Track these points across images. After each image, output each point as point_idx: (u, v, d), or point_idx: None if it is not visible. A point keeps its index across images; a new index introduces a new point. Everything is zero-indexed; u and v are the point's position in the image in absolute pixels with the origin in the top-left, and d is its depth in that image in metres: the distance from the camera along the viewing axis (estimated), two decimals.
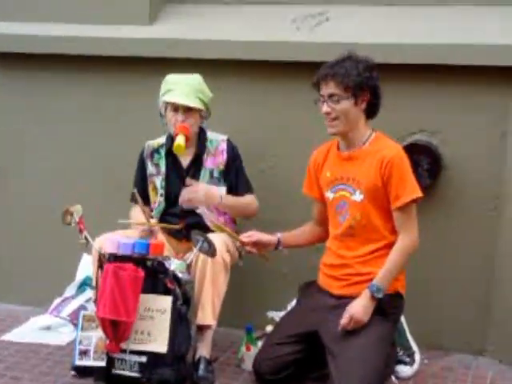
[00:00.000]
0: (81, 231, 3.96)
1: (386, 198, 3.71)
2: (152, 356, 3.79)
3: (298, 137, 4.56)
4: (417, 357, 4.12)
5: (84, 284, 4.86)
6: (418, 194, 3.70)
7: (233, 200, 4.27)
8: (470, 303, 4.40)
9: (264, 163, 4.65)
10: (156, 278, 3.83)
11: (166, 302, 3.81)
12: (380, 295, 3.66)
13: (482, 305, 4.37)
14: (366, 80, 3.70)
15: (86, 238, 3.96)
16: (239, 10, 4.83)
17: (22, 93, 5.08)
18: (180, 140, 4.14)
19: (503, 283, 4.29)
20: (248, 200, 4.33)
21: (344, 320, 3.68)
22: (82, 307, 4.72)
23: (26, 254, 5.14)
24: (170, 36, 4.72)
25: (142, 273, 3.76)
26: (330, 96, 3.71)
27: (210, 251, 3.87)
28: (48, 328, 4.70)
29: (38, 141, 5.07)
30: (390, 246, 3.73)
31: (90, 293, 4.79)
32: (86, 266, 4.82)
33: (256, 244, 4.00)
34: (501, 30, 4.30)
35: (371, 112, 3.78)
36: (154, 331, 3.81)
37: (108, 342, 3.79)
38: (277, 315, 4.49)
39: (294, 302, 4.49)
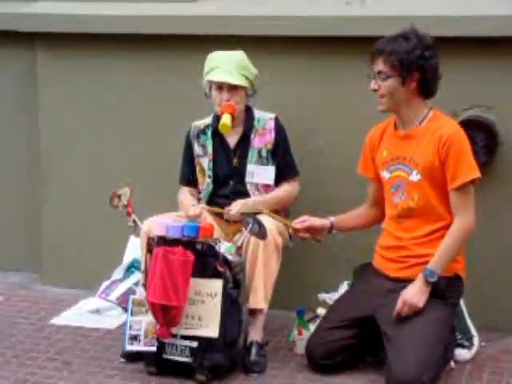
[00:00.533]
0: (129, 214, 3.90)
1: (444, 177, 3.58)
2: (203, 341, 3.72)
3: (348, 114, 4.44)
4: (475, 340, 4.00)
5: (131, 267, 4.80)
6: (476, 174, 3.57)
7: (269, 200, 4.16)
8: None
9: (312, 142, 4.53)
10: (206, 262, 3.75)
11: (216, 285, 3.73)
12: (434, 279, 3.54)
13: None
14: (416, 59, 3.56)
15: (134, 222, 3.90)
16: None
17: (66, 73, 5.00)
18: (226, 119, 4.04)
19: None
20: (286, 191, 4.23)
21: (398, 305, 3.58)
22: (130, 290, 4.67)
23: (73, 237, 5.09)
24: (214, 13, 4.61)
25: (191, 256, 3.68)
26: (378, 73, 3.61)
27: (261, 233, 3.78)
28: (97, 311, 4.66)
29: (87, 124, 5.00)
30: (448, 226, 3.60)
31: (137, 275, 4.72)
32: (134, 249, 4.76)
33: (309, 229, 3.90)
34: None
35: (425, 92, 3.64)
36: (204, 316, 3.73)
37: (158, 326, 3.72)
38: (328, 297, 4.40)
39: (345, 284, 4.42)
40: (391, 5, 4.35)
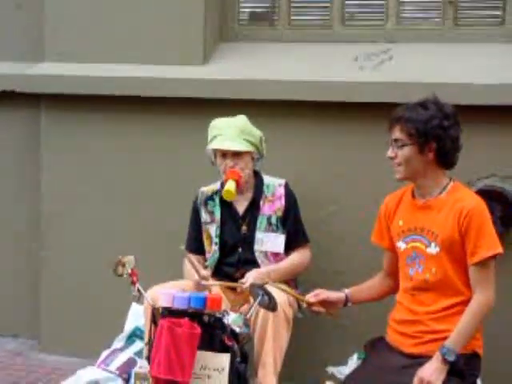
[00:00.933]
0: (133, 283, 3.74)
1: (463, 251, 3.44)
2: None
3: (360, 182, 4.37)
4: None
5: (133, 335, 4.62)
6: (498, 250, 3.43)
7: (283, 269, 4.07)
8: None
9: (323, 210, 4.43)
10: (213, 334, 3.57)
11: (224, 360, 3.55)
12: (452, 358, 3.37)
13: None
14: (433, 128, 3.45)
15: (138, 291, 3.74)
16: (296, 48, 4.67)
17: (70, 135, 4.92)
18: (230, 186, 3.96)
19: None
20: (298, 259, 4.13)
21: None
22: (131, 360, 4.49)
23: (73, 303, 4.97)
24: (224, 76, 4.56)
25: (198, 329, 3.51)
26: (395, 141, 3.50)
27: (271, 305, 3.62)
28: (96, 383, 4.46)
29: (88, 188, 4.92)
30: (466, 301, 3.45)
31: (139, 345, 4.56)
32: (136, 317, 4.61)
33: (323, 303, 3.75)
34: None
35: (443, 162, 3.53)
36: None
37: None
38: (337, 370, 4.23)
39: (355, 357, 4.25)
40: (405, 70, 4.29)
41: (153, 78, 4.63)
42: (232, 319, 3.70)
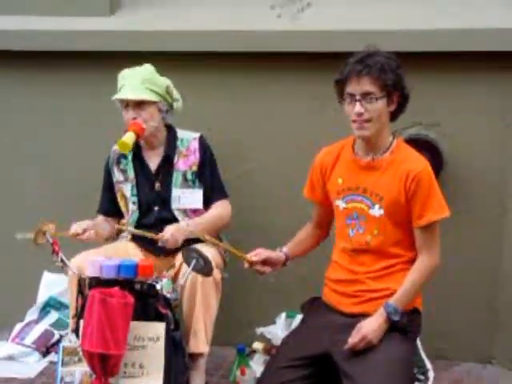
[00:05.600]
0: (56, 252, 3.49)
1: (407, 214, 3.35)
2: None
3: (280, 134, 4.23)
4: (431, 374, 3.80)
5: (47, 306, 4.43)
6: (446, 213, 3.36)
7: (203, 222, 3.86)
8: (476, 308, 4.15)
9: (243, 165, 4.30)
10: (146, 303, 3.38)
11: (158, 328, 3.36)
12: (396, 318, 3.31)
13: (488, 309, 4.11)
14: (400, 78, 3.32)
15: (62, 261, 3.49)
16: None
17: None
18: (127, 137, 3.71)
19: (510, 285, 4.02)
20: (218, 213, 3.93)
21: (355, 339, 3.31)
22: (48, 332, 4.32)
23: None
24: (132, 28, 4.29)
25: (131, 298, 3.30)
26: (365, 94, 3.30)
27: (206, 269, 3.45)
28: (10, 358, 4.23)
29: None
30: (406, 262, 3.39)
31: (54, 315, 4.40)
32: (48, 286, 4.45)
33: (264, 262, 3.59)
34: (501, 14, 4.02)
35: (397, 115, 3.41)
36: (146, 363, 3.36)
37: (95, 377, 3.32)
38: (266, 331, 4.15)
39: (283, 316, 4.19)
40: (323, 19, 4.14)
41: (55, 30, 4.31)
42: (161, 285, 3.53)
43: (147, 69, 3.86)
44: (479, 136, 4.05)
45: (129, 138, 3.71)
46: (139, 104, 3.79)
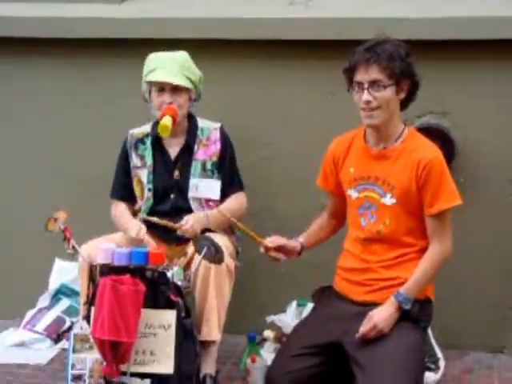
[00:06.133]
0: (67, 240, 3.49)
1: (419, 202, 3.34)
2: (157, 378, 3.36)
3: (295, 122, 4.21)
4: (441, 363, 3.84)
5: (59, 293, 4.45)
6: (457, 201, 3.34)
7: (218, 212, 3.83)
8: (487, 297, 4.13)
9: (257, 153, 4.28)
10: (157, 291, 3.40)
11: (169, 316, 3.38)
12: (407, 307, 3.31)
13: (500, 298, 4.10)
14: (409, 66, 3.31)
15: (73, 248, 3.50)
16: None
17: None
18: (167, 120, 3.69)
19: None
20: (234, 205, 3.92)
21: (366, 328, 3.31)
22: (59, 319, 4.33)
23: None
24: (144, 15, 4.27)
25: (142, 286, 3.32)
26: (373, 82, 3.29)
27: (217, 257, 3.47)
28: (22, 345, 4.25)
29: (8, 132, 4.59)
30: (419, 251, 3.38)
31: (66, 302, 4.42)
32: (60, 273, 4.46)
33: (279, 249, 3.59)
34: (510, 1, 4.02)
35: (407, 103, 3.40)
36: (157, 350, 3.38)
37: (105, 364, 3.34)
38: (277, 319, 4.16)
39: (293, 304, 4.19)
40: (336, 7, 4.12)
41: (66, 17, 4.31)
42: (172, 273, 3.53)
43: (185, 56, 3.85)
44: (491, 124, 4.02)
45: (168, 121, 3.69)
46: (175, 89, 3.77)
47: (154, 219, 3.77)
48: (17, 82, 4.51)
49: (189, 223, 3.68)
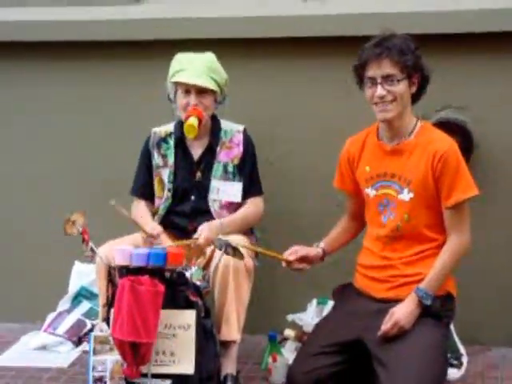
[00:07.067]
0: (86, 242, 3.50)
1: (437, 195, 3.32)
2: (177, 379, 3.36)
3: (313, 120, 4.19)
4: (464, 359, 3.81)
5: (79, 295, 4.44)
6: (474, 192, 3.32)
7: (237, 221, 3.85)
8: (510, 292, 4.08)
9: (276, 151, 4.27)
10: (176, 291, 3.40)
11: (189, 316, 3.38)
12: (428, 302, 3.29)
13: None
14: (419, 59, 3.31)
15: (91, 250, 3.50)
16: None
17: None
18: (193, 121, 3.69)
19: None
20: (251, 211, 3.91)
21: (387, 326, 3.30)
22: (80, 322, 4.33)
23: (11, 264, 4.66)
24: (162, 15, 4.25)
25: (161, 286, 3.31)
26: (386, 77, 3.27)
27: (237, 254, 3.45)
28: (43, 348, 4.25)
29: (21, 139, 4.58)
30: (439, 246, 3.36)
31: (86, 305, 4.40)
32: (79, 276, 4.45)
33: (302, 260, 3.58)
34: None
35: (418, 97, 3.39)
36: (177, 351, 3.37)
37: (126, 366, 3.33)
38: (297, 317, 4.14)
39: (314, 303, 4.16)
40: (350, 3, 4.09)
41: (82, 20, 4.31)
42: (191, 273, 3.53)
43: (212, 57, 3.84)
44: (511, 117, 3.98)
45: (195, 122, 3.69)
46: (201, 91, 3.77)
47: (168, 243, 3.73)
48: (29, 86, 4.50)
49: (202, 236, 3.67)
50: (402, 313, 3.29)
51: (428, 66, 3.35)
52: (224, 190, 3.86)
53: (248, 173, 3.89)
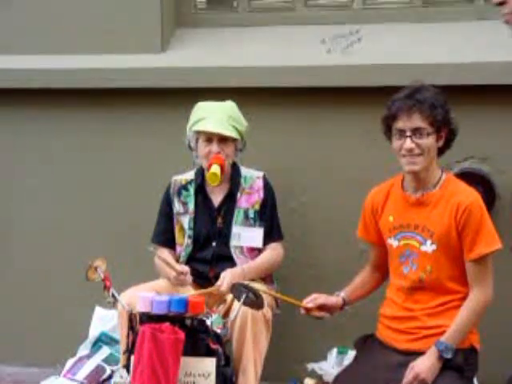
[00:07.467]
0: (107, 288, 3.51)
1: (460, 247, 3.31)
2: None
3: (334, 170, 4.22)
4: None
5: (99, 341, 4.41)
6: (497, 245, 3.31)
7: (258, 267, 3.87)
8: None
9: (296, 199, 4.28)
10: (196, 339, 3.39)
11: (209, 364, 3.37)
12: (449, 355, 3.26)
13: None
14: (448, 114, 3.33)
15: (113, 296, 3.51)
16: (257, 32, 4.46)
17: (19, 133, 4.65)
18: (216, 169, 3.72)
19: None
20: (272, 256, 3.93)
21: (408, 378, 3.26)
22: (99, 367, 4.29)
23: (33, 308, 4.68)
24: (184, 64, 4.33)
25: (182, 334, 3.31)
26: (416, 130, 3.29)
27: (258, 303, 3.45)
28: None
29: (38, 188, 4.63)
30: (462, 298, 3.34)
31: (106, 351, 4.37)
32: (100, 321, 4.43)
33: (321, 308, 3.57)
34: None
35: (444, 150, 3.41)
36: None
37: None
38: (317, 367, 4.10)
39: (334, 351, 4.13)
40: (376, 52, 4.14)
41: (108, 68, 4.37)
42: (211, 321, 3.52)
43: (233, 105, 3.90)
44: None
45: (217, 170, 3.73)
46: (222, 139, 3.81)
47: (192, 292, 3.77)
48: (54, 135, 4.57)
49: (224, 284, 3.69)
50: (423, 366, 3.25)
51: (456, 121, 3.36)
52: (245, 236, 3.88)
53: (269, 218, 3.91)
